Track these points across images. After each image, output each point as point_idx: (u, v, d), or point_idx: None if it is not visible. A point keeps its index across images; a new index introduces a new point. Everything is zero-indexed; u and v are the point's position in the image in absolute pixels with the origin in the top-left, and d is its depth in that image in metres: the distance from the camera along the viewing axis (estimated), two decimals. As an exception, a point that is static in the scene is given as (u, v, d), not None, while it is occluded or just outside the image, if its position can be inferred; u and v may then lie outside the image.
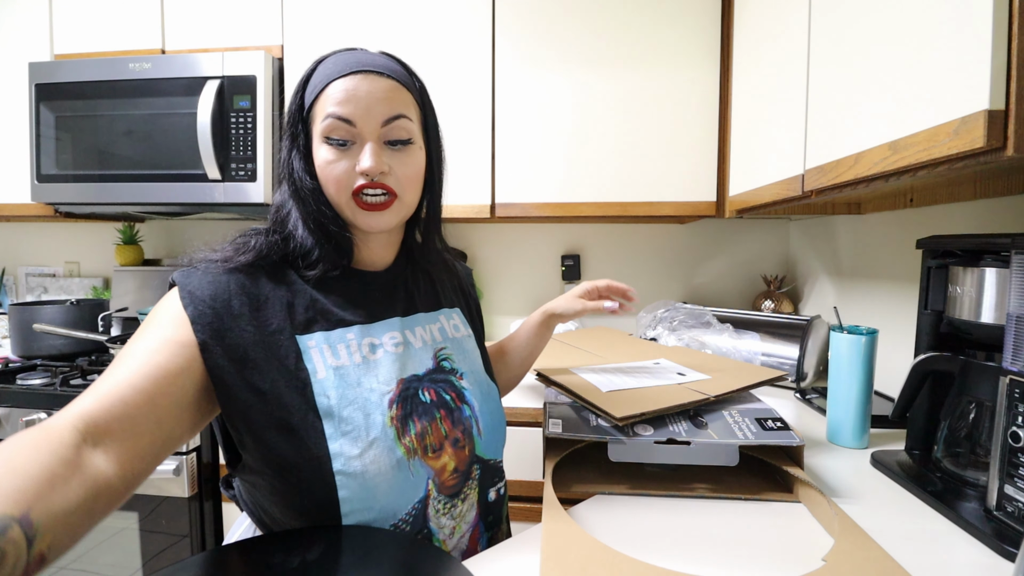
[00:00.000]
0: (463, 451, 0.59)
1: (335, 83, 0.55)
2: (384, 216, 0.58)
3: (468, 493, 0.60)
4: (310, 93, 0.57)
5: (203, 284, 0.53)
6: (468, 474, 0.60)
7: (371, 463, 0.52)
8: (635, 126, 1.33)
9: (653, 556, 0.53)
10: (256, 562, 0.50)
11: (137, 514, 1.11)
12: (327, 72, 0.56)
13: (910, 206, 1.01)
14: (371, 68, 0.56)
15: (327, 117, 0.54)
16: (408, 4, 1.35)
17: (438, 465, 0.57)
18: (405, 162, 0.58)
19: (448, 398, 0.60)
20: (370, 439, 0.53)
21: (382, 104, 0.55)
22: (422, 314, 0.65)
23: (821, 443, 0.86)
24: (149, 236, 1.85)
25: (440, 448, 0.57)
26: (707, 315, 1.30)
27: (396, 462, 0.54)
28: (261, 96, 1.31)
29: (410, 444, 0.55)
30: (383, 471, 0.53)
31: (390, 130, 0.56)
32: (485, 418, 0.62)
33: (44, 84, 1.38)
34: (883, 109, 0.66)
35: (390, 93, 0.56)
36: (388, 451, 0.53)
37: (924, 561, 0.53)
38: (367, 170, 0.54)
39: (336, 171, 0.55)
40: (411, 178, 0.59)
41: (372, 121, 0.55)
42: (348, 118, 0.54)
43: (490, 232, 1.72)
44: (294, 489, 0.52)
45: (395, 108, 0.56)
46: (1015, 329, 0.56)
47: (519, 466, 1.08)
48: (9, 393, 1.14)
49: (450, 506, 0.58)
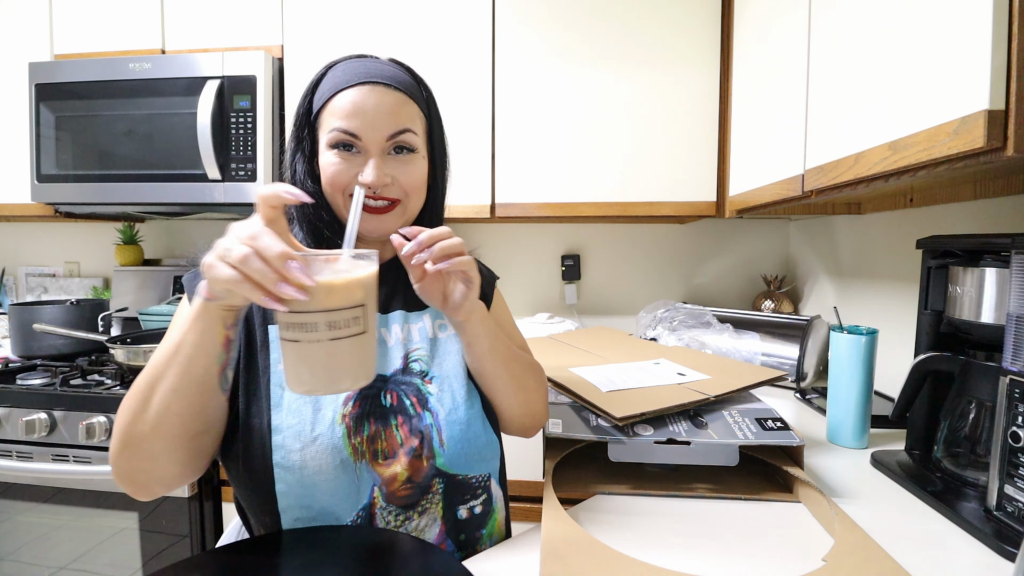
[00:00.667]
0: (419, 461, 0.56)
1: (343, 93, 0.56)
2: (385, 220, 0.58)
3: (428, 507, 0.57)
4: (318, 99, 0.59)
5: None
6: (427, 487, 0.56)
7: (311, 459, 0.52)
8: (635, 126, 1.33)
9: (653, 556, 0.53)
10: (257, 562, 0.50)
11: (137, 514, 1.11)
12: (335, 80, 0.57)
13: (910, 206, 1.01)
14: (379, 80, 0.57)
15: (333, 130, 0.56)
16: (408, 4, 1.35)
17: (387, 473, 0.55)
18: (408, 170, 0.59)
19: (408, 403, 0.58)
20: (314, 435, 0.53)
21: (388, 118, 0.57)
22: (403, 312, 0.64)
23: (821, 443, 0.86)
24: (149, 236, 1.85)
25: (392, 456, 0.55)
26: (707, 315, 1.30)
27: (340, 462, 0.53)
28: (261, 96, 1.31)
29: (359, 445, 0.54)
30: (323, 469, 0.52)
31: (395, 142, 0.58)
32: (453, 429, 0.58)
33: (44, 84, 1.38)
34: (883, 109, 0.66)
35: (396, 107, 0.57)
36: (332, 450, 0.53)
37: (924, 561, 0.53)
38: (370, 183, 0.56)
39: (341, 178, 0.57)
40: (414, 185, 0.60)
41: (378, 136, 0.56)
42: (354, 132, 0.56)
43: (490, 232, 1.72)
44: (239, 479, 0.55)
45: (400, 123, 0.57)
46: (1015, 329, 0.56)
47: (519, 466, 1.08)
48: (9, 393, 1.14)
49: (403, 519, 0.55)
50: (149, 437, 0.48)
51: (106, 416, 1.10)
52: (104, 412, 1.11)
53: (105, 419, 1.10)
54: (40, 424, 1.11)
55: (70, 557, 1.14)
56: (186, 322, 0.46)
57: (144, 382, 0.48)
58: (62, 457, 1.11)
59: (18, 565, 1.16)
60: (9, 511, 1.16)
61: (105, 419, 1.10)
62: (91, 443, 1.10)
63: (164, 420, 0.47)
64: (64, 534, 1.14)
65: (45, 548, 1.15)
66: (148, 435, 0.48)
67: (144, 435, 0.48)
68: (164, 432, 0.48)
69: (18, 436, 1.11)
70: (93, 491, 1.11)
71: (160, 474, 0.50)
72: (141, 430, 0.47)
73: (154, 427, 0.47)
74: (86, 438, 1.08)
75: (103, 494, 1.11)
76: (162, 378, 0.47)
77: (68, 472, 1.09)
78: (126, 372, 1.19)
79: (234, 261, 0.38)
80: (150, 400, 0.47)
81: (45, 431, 1.11)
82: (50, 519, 1.14)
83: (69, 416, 1.11)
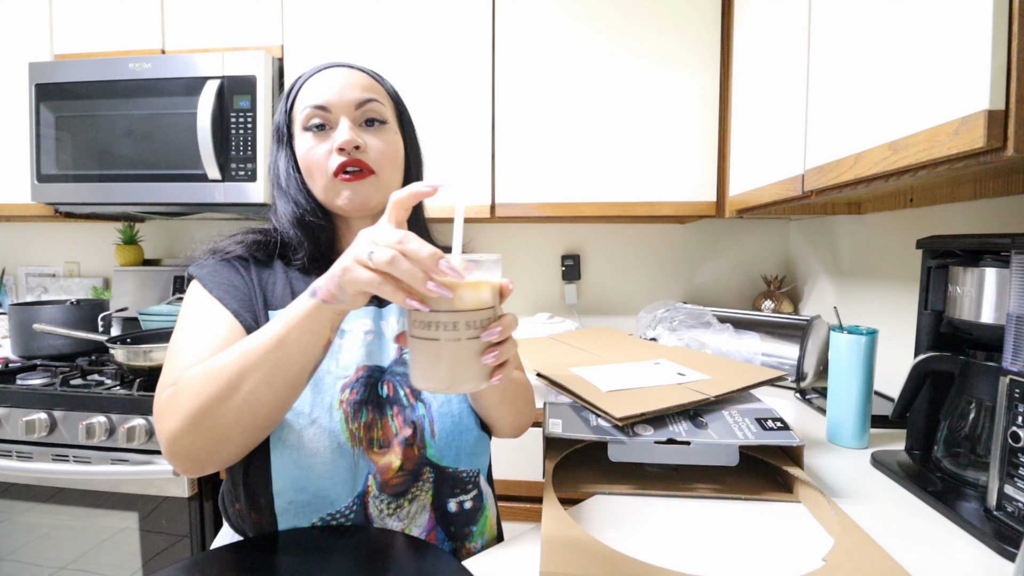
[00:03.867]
0: (411, 449, 0.58)
1: (311, 79, 0.61)
2: (361, 188, 0.60)
3: (417, 495, 0.58)
4: (291, 98, 0.62)
5: (216, 271, 0.60)
6: (417, 475, 0.58)
7: (308, 441, 0.53)
8: (635, 126, 1.33)
9: (653, 556, 0.53)
10: (257, 562, 0.50)
11: (137, 514, 1.11)
12: (304, 76, 0.62)
13: (910, 206, 1.00)
14: (342, 64, 0.62)
15: (304, 108, 0.59)
16: (408, 4, 1.35)
17: (382, 462, 0.56)
18: (381, 140, 0.61)
19: (402, 394, 0.60)
20: (312, 417, 0.54)
21: (354, 89, 0.60)
22: None
23: (821, 443, 0.86)
24: (149, 236, 1.85)
25: (387, 446, 0.57)
26: (707, 315, 1.30)
27: (338, 446, 0.54)
28: (261, 96, 1.31)
29: (356, 431, 0.55)
30: (319, 452, 0.53)
31: (364, 112, 0.60)
32: (444, 421, 0.60)
33: (44, 84, 1.38)
34: (883, 109, 0.66)
35: (361, 80, 0.61)
36: (330, 433, 0.54)
37: (924, 561, 0.53)
38: (342, 143, 0.57)
39: (316, 154, 0.59)
40: (387, 155, 0.61)
41: (345, 103, 0.59)
42: (323, 104, 0.59)
43: (490, 232, 1.72)
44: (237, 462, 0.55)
45: (367, 92, 0.61)
46: (1015, 329, 0.56)
47: (519, 466, 1.09)
48: (9, 393, 1.14)
49: (395, 506, 0.57)
50: (231, 423, 0.47)
51: (106, 416, 1.10)
52: (104, 412, 1.11)
53: (105, 419, 1.10)
54: (40, 424, 1.11)
55: (70, 557, 1.14)
56: (289, 320, 0.46)
57: (233, 370, 0.47)
58: (62, 457, 1.11)
59: (18, 565, 1.16)
60: (9, 511, 1.16)
61: (105, 419, 1.10)
62: (91, 443, 1.10)
63: (250, 410, 0.47)
64: (64, 534, 1.14)
65: (45, 548, 1.15)
66: (230, 421, 0.47)
67: (225, 420, 0.47)
68: (248, 420, 0.48)
69: (18, 436, 1.11)
70: (93, 491, 1.11)
71: (225, 455, 0.50)
72: (222, 415, 0.47)
73: (238, 414, 0.47)
74: (86, 438, 1.08)
75: (103, 494, 1.11)
76: (255, 369, 0.46)
77: (68, 472, 1.09)
78: (126, 372, 1.19)
79: (381, 264, 0.39)
80: (238, 388, 0.46)
81: (45, 431, 1.11)
82: (50, 519, 1.14)
83: (69, 416, 1.11)
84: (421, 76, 1.36)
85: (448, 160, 1.36)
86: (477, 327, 0.43)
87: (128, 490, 1.10)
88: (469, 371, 0.43)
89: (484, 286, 0.43)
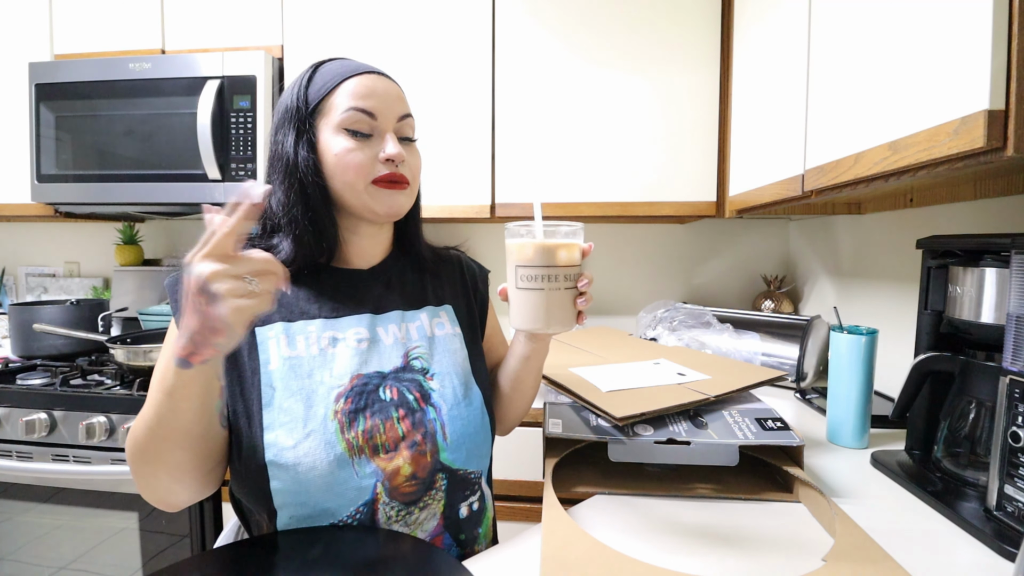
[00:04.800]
0: (424, 456, 0.57)
1: (352, 80, 0.59)
2: (399, 197, 0.61)
3: (429, 503, 0.58)
4: (318, 90, 0.59)
5: None
6: (431, 483, 0.57)
7: (305, 456, 0.52)
8: (635, 126, 1.33)
9: (653, 556, 0.53)
10: (257, 562, 0.50)
11: (137, 514, 1.11)
12: (337, 71, 0.60)
13: (910, 206, 1.00)
14: (382, 72, 0.62)
15: (349, 110, 0.58)
16: (409, 4, 1.35)
17: (389, 467, 0.55)
18: (413, 154, 0.63)
19: (411, 398, 0.59)
20: (306, 431, 0.53)
21: (398, 102, 0.61)
22: (400, 312, 0.64)
23: (821, 443, 0.86)
24: (149, 236, 1.84)
25: (394, 449, 0.56)
26: (707, 315, 1.30)
27: (335, 458, 0.53)
28: (261, 96, 1.31)
29: (354, 440, 0.54)
30: (318, 466, 0.52)
31: (403, 127, 0.62)
32: (455, 424, 0.59)
33: (44, 84, 1.38)
34: (883, 109, 0.66)
35: (400, 93, 0.63)
36: (326, 445, 0.53)
37: (924, 561, 0.53)
38: (393, 156, 0.58)
39: (358, 159, 0.58)
40: (418, 169, 0.65)
41: (391, 116, 0.60)
42: (371, 111, 0.59)
43: (490, 232, 1.72)
44: (237, 476, 0.56)
45: (407, 107, 0.63)
46: (1015, 329, 0.56)
47: (519, 466, 1.08)
48: (9, 393, 1.14)
49: (405, 513, 0.56)
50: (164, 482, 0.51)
51: (106, 416, 1.10)
52: (104, 412, 1.11)
53: (105, 419, 1.10)
54: (40, 424, 1.11)
55: (70, 557, 1.14)
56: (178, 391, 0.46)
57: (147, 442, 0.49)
58: (62, 457, 1.11)
59: (18, 565, 1.16)
60: (9, 511, 1.16)
61: (105, 419, 1.10)
62: (91, 443, 1.10)
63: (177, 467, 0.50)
64: (64, 534, 1.14)
65: (45, 548, 1.15)
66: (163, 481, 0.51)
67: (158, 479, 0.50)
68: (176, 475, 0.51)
69: (18, 436, 1.11)
70: (93, 491, 1.12)
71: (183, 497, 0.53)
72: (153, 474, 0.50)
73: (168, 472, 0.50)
74: (86, 438, 1.08)
75: (103, 494, 1.11)
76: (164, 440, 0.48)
77: (68, 472, 1.09)
78: (126, 372, 1.19)
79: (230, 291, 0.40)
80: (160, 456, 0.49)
81: (45, 431, 1.11)
82: (50, 519, 1.14)
83: (69, 416, 1.11)
84: (421, 76, 1.36)
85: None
86: (572, 279, 0.56)
87: (128, 490, 1.10)
88: (565, 314, 0.56)
89: (575, 247, 0.56)
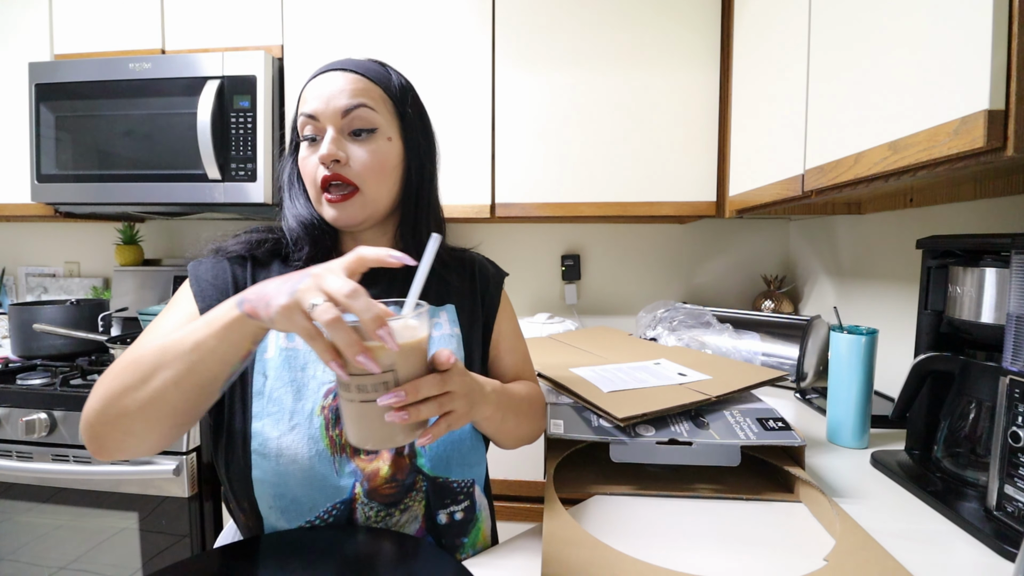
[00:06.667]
0: (403, 459, 0.57)
1: (309, 84, 0.60)
2: (345, 209, 0.58)
3: (410, 505, 0.57)
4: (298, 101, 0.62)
5: (206, 269, 0.60)
6: (410, 486, 0.57)
7: (287, 448, 0.53)
8: (635, 126, 1.33)
9: (654, 556, 0.53)
10: (257, 562, 0.50)
11: (137, 514, 1.10)
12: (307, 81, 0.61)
13: (910, 206, 1.01)
14: (339, 67, 0.59)
15: (299, 116, 0.59)
16: (408, 4, 1.35)
17: (369, 468, 0.55)
18: (367, 150, 0.58)
19: None
20: (292, 424, 0.54)
21: (342, 96, 0.57)
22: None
23: (821, 443, 0.86)
24: (149, 236, 1.84)
25: (374, 452, 0.56)
26: (707, 315, 1.30)
27: (316, 453, 0.53)
28: (261, 96, 1.31)
29: (337, 438, 0.54)
30: (298, 459, 0.53)
31: (351, 120, 0.58)
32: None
33: (44, 84, 1.38)
34: (883, 109, 0.66)
35: (350, 85, 0.58)
36: (309, 440, 0.53)
37: (924, 561, 0.53)
38: (321, 157, 0.57)
39: (308, 166, 0.59)
40: (372, 168, 0.58)
41: (332, 112, 0.57)
42: (312, 113, 0.58)
43: (490, 232, 1.72)
44: (221, 461, 0.56)
45: (356, 98, 0.58)
46: (1015, 329, 0.57)
47: (519, 466, 1.08)
48: (9, 393, 1.14)
49: (385, 515, 0.56)
50: (134, 416, 0.46)
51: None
52: (104, 412, 1.10)
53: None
54: (40, 424, 1.11)
55: (70, 557, 1.14)
56: (210, 325, 0.44)
57: (148, 364, 0.46)
58: (62, 457, 1.11)
59: (18, 565, 1.16)
60: (9, 511, 1.16)
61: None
62: (91, 443, 1.10)
63: (155, 406, 0.46)
64: (64, 534, 1.14)
65: (45, 548, 1.15)
66: (134, 413, 0.46)
67: (130, 412, 0.46)
68: (152, 416, 0.46)
69: (18, 436, 1.11)
70: (93, 491, 1.11)
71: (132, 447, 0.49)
72: (128, 406, 0.46)
73: (142, 408, 0.46)
74: (86, 438, 1.08)
75: (103, 494, 1.11)
76: (166, 367, 0.45)
77: (68, 472, 1.09)
78: (126, 372, 1.19)
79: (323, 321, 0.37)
80: (148, 382, 0.45)
81: (45, 431, 1.11)
82: (50, 519, 1.14)
83: (69, 416, 1.11)
84: (421, 76, 1.36)
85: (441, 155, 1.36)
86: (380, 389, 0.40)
87: (128, 490, 1.10)
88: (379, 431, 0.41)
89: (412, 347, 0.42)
